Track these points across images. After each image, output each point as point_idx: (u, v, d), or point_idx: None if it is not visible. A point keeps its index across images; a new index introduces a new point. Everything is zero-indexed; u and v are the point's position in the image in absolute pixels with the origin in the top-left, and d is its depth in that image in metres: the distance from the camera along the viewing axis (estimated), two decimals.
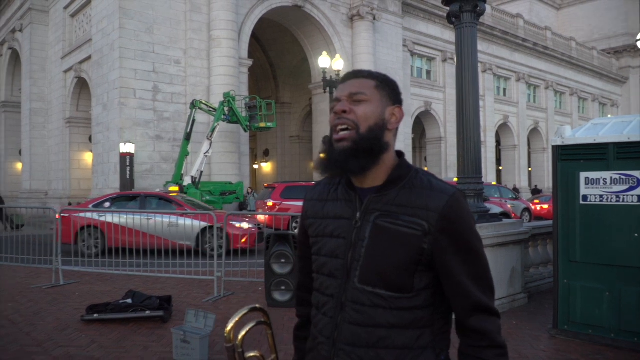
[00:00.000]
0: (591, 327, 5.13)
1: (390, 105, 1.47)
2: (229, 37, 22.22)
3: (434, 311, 1.41)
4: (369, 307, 1.38)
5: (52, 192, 27.07)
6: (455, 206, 1.38)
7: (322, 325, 1.46)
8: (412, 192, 1.40)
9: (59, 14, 26.28)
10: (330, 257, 1.46)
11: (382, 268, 1.37)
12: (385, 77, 1.51)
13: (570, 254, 5.22)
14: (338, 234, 1.46)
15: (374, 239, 1.39)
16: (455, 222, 1.37)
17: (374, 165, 1.43)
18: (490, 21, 37.19)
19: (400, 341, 1.37)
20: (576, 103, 46.63)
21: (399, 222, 1.38)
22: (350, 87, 1.46)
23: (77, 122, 25.90)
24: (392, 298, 1.37)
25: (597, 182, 5.04)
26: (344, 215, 1.46)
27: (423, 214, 1.37)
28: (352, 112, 1.42)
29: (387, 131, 1.45)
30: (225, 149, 22.01)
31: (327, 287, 1.46)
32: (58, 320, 5.94)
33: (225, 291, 7.48)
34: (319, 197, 1.56)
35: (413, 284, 1.37)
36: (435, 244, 1.37)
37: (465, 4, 6.76)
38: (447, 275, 1.39)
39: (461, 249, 1.38)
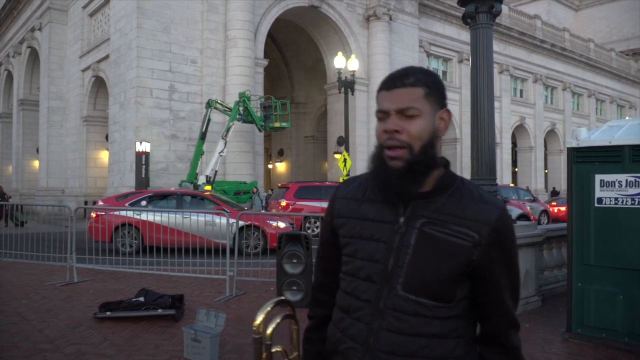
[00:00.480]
0: (605, 331, 5.06)
1: (439, 110, 1.40)
2: (245, 37, 22.31)
3: (467, 321, 1.41)
4: (411, 316, 1.35)
5: (68, 190, 27.38)
6: (506, 220, 1.39)
7: (355, 330, 1.41)
8: (462, 201, 1.38)
9: (78, 13, 26.59)
10: (367, 260, 1.41)
11: (427, 277, 1.35)
12: (433, 78, 1.41)
13: (585, 257, 5.16)
14: (378, 237, 1.40)
15: (420, 246, 1.36)
16: (505, 236, 1.38)
17: (426, 179, 1.40)
18: (508, 22, 36.89)
19: (438, 351, 1.35)
20: (594, 105, 46.08)
21: (447, 230, 1.35)
22: (398, 99, 1.37)
23: (94, 120, 26.18)
24: (435, 307, 1.35)
25: (612, 184, 4.97)
26: (385, 218, 1.41)
27: (474, 225, 1.35)
28: (404, 131, 1.36)
29: (438, 139, 1.41)
30: (239, 149, 22.11)
31: (363, 291, 1.41)
32: (71, 317, 6.00)
33: (237, 290, 7.50)
34: (353, 196, 1.50)
35: (455, 293, 1.36)
36: (484, 255, 1.35)
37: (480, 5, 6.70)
38: (490, 288, 1.39)
39: (507, 262, 1.39)
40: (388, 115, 1.37)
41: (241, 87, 21.44)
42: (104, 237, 10.98)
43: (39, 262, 9.61)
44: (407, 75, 1.38)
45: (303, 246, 6.79)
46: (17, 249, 9.98)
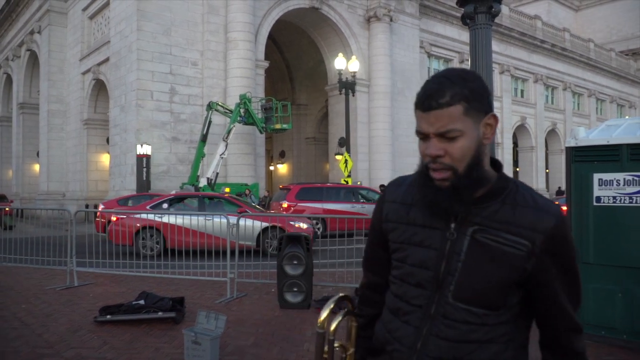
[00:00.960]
0: (604, 329, 5.06)
1: (482, 117, 1.33)
2: (245, 38, 22.34)
3: (518, 325, 1.39)
4: (461, 324, 1.34)
5: (69, 194, 27.40)
6: (562, 227, 1.34)
7: (403, 333, 1.41)
8: (516, 209, 1.34)
9: (78, 16, 26.63)
10: (418, 267, 1.40)
11: (479, 286, 1.33)
12: (471, 85, 1.31)
13: (584, 255, 5.15)
14: (428, 244, 1.39)
15: (472, 254, 1.34)
16: (561, 244, 1.34)
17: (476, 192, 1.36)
18: (508, 22, 36.89)
19: (485, 355, 1.34)
20: (594, 104, 46.07)
21: (500, 239, 1.32)
22: (435, 121, 1.30)
23: (94, 123, 26.20)
24: (484, 315, 1.34)
25: (611, 183, 4.97)
26: (435, 224, 1.39)
27: (528, 234, 1.31)
28: (447, 154, 1.31)
29: (484, 148, 1.35)
30: (241, 151, 22.13)
31: (414, 297, 1.41)
32: (71, 321, 6.00)
33: (238, 292, 7.50)
34: (402, 200, 1.47)
35: (506, 301, 1.35)
36: (538, 265, 1.33)
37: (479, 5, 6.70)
38: (546, 296, 1.37)
39: (564, 271, 1.36)
40: (428, 137, 1.33)
41: (242, 89, 21.46)
42: (124, 240, 10.97)
43: (40, 267, 9.61)
44: (442, 91, 1.29)
45: (303, 247, 6.79)
46: (18, 253, 9.98)
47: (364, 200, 17.71)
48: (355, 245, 8.83)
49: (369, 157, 27.14)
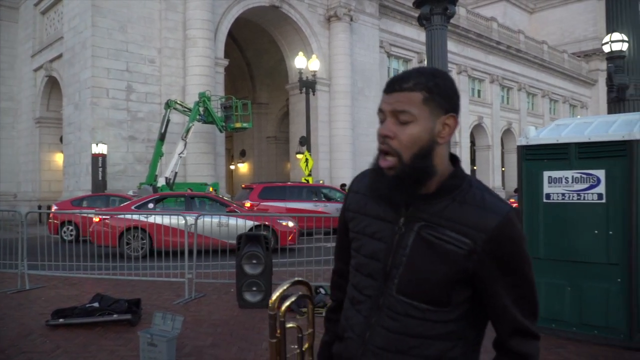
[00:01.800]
0: (554, 322, 5.23)
1: (442, 115, 1.33)
2: (204, 36, 22.09)
3: (468, 324, 1.37)
4: (403, 316, 1.35)
5: (21, 195, 26.55)
6: (508, 228, 1.30)
7: (355, 321, 1.44)
8: (463, 207, 1.33)
9: (29, 11, 25.82)
10: (370, 258, 1.42)
11: (420, 281, 1.33)
12: (437, 81, 1.34)
13: (534, 250, 5.31)
14: (380, 236, 1.40)
15: (415, 250, 1.34)
16: (504, 245, 1.30)
17: (424, 186, 1.35)
18: (465, 24, 37.61)
19: (430, 351, 1.34)
20: (547, 104, 47.47)
21: (444, 237, 1.31)
22: (394, 102, 1.33)
23: (47, 122, 25.46)
24: (427, 311, 1.33)
25: (560, 180, 5.14)
26: (386, 217, 1.40)
27: (470, 233, 1.30)
28: (396, 137, 1.32)
29: (438, 145, 1.34)
30: (200, 150, 21.87)
31: (365, 287, 1.43)
32: (22, 325, 5.82)
33: (197, 293, 7.42)
34: (364, 191, 1.49)
35: (450, 299, 1.33)
36: (480, 264, 1.30)
37: (435, 7, 6.84)
38: (489, 297, 1.34)
39: (508, 273, 1.32)
40: (385, 115, 1.35)
41: (201, 87, 21.21)
42: (107, 241, 10.72)
43: None
44: (407, 78, 1.33)
45: (262, 247, 6.77)
46: None
47: (326, 199, 17.78)
48: (315, 244, 8.85)
49: (329, 156, 27.25)
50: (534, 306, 1.37)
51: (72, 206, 15.99)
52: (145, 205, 12.20)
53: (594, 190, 4.96)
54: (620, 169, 4.85)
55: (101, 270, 8.86)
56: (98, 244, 10.74)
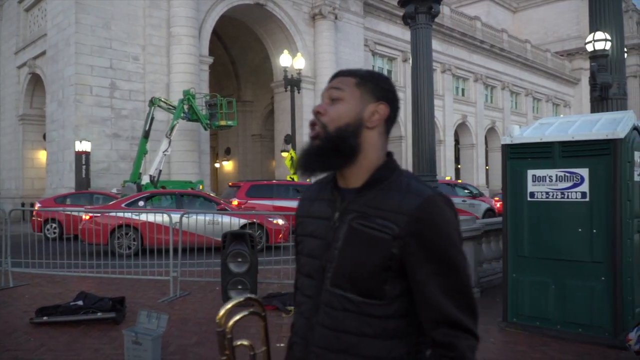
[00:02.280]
0: (538, 320, 5.29)
1: (372, 102, 1.41)
2: (189, 34, 21.96)
3: (410, 322, 1.33)
4: (340, 311, 1.33)
5: (4, 192, 26.21)
6: (429, 209, 1.29)
7: (298, 325, 1.44)
8: (389, 194, 1.34)
9: (13, 8, 25.49)
10: (309, 257, 1.43)
11: (352, 271, 1.32)
12: (372, 73, 1.46)
13: (519, 249, 5.38)
14: (317, 234, 1.42)
15: (347, 241, 1.34)
16: (426, 227, 1.28)
17: (344, 165, 1.38)
18: (450, 23, 37.81)
19: (370, 350, 1.30)
20: (531, 103, 47.94)
21: (372, 224, 1.31)
22: (332, 84, 1.44)
23: (30, 119, 25.17)
24: (363, 304, 1.31)
25: (544, 179, 5.21)
26: (324, 215, 1.42)
27: (394, 217, 1.29)
28: (326, 113, 1.40)
29: (367, 129, 1.39)
30: (185, 148, 21.76)
31: (306, 287, 1.43)
32: (6, 323, 5.76)
33: (182, 291, 7.40)
34: (310, 196, 1.52)
35: (385, 290, 1.30)
36: (404, 249, 1.28)
37: (420, 6, 6.87)
38: (414, 283, 1.30)
39: (432, 258, 1.28)
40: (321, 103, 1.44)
41: (186, 84, 21.08)
42: (98, 239, 10.61)
43: None
44: (345, 70, 1.47)
45: (248, 245, 6.75)
46: None
47: None
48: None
49: None
50: (469, 300, 1.29)
51: (56, 203, 15.82)
52: (135, 203, 12.13)
53: (578, 189, 5.03)
54: (603, 168, 4.91)
55: (85, 268, 8.79)
56: (89, 242, 10.62)
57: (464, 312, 1.28)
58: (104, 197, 16.18)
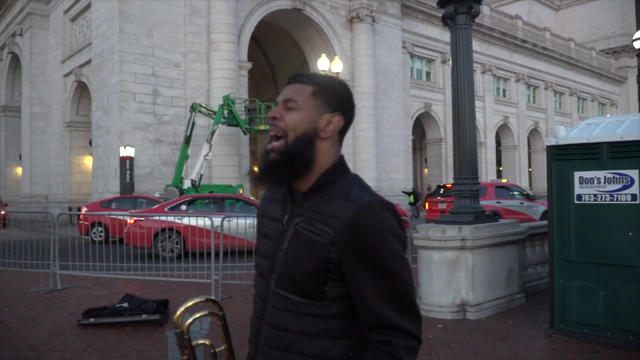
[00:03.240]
0: (587, 326, 5.12)
1: (327, 112, 1.40)
2: (228, 40, 22.27)
3: (352, 322, 1.35)
4: (281, 311, 1.37)
5: (52, 197, 27.09)
6: (365, 216, 1.31)
7: (253, 323, 1.49)
8: (331, 200, 1.36)
9: (59, 18, 26.36)
10: (261, 257, 1.48)
11: (294, 273, 1.35)
12: (329, 82, 1.45)
13: (566, 253, 5.22)
14: (270, 235, 1.46)
15: (291, 243, 1.38)
16: (362, 234, 1.29)
17: (298, 176, 1.40)
18: (489, 22, 37.21)
19: (310, 349, 1.34)
20: (575, 103, 46.69)
21: (312, 228, 1.35)
22: (287, 91, 1.44)
23: (77, 126, 25.96)
24: (302, 304, 1.34)
25: (591, 181, 5.04)
26: (277, 216, 1.46)
27: (332, 223, 1.32)
28: (282, 118, 1.40)
29: (320, 140, 1.40)
30: (225, 152, 22.05)
31: (258, 286, 1.48)
32: (54, 324, 5.94)
33: (223, 294, 7.48)
34: (269, 196, 1.56)
35: (325, 292, 1.33)
36: (342, 254, 1.31)
37: (459, 6, 6.77)
38: (352, 287, 1.32)
39: (369, 264, 1.30)
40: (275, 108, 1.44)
41: (225, 90, 21.38)
42: (142, 242, 10.88)
43: (23, 270, 9.51)
44: (304, 74, 1.46)
45: None
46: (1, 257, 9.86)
47: None
48: None
49: (353, 158, 27.18)
50: (409, 304, 1.31)
51: (101, 208, 16.26)
52: (177, 207, 12.34)
53: (628, 191, 4.85)
54: None
55: (130, 270, 8.99)
56: (133, 245, 10.88)
57: (402, 314, 1.30)
58: (147, 202, 16.54)
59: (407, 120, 31.47)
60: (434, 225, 6.58)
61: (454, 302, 6.15)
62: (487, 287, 6.30)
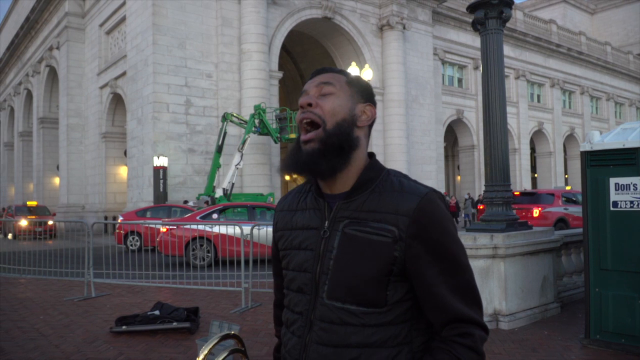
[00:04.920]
0: (624, 337, 4.95)
1: (361, 102, 1.36)
2: (259, 50, 22.50)
3: (412, 326, 1.28)
4: (338, 325, 1.26)
5: (88, 206, 27.74)
6: (429, 208, 1.25)
7: (291, 345, 1.35)
8: (382, 195, 1.28)
9: (95, 32, 27.09)
10: (298, 271, 1.35)
11: (351, 281, 1.25)
12: (359, 77, 1.42)
13: (601, 261, 5.06)
14: (306, 245, 1.34)
15: (342, 249, 1.27)
16: (428, 226, 1.24)
17: (345, 165, 1.31)
18: (523, 27, 36.68)
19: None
20: (613, 108, 45.55)
21: (367, 229, 1.26)
22: (320, 79, 1.37)
23: (112, 136, 26.56)
24: (363, 314, 1.25)
25: (627, 187, 4.89)
26: (312, 225, 1.35)
27: (392, 219, 1.24)
28: (319, 105, 1.32)
29: (357, 128, 1.34)
30: (256, 161, 22.23)
31: (296, 303, 1.35)
32: (88, 332, 6.04)
33: (253, 302, 7.50)
34: (289, 207, 1.45)
35: (386, 297, 1.25)
36: (407, 251, 1.24)
37: (490, 11, 6.68)
38: (421, 285, 1.25)
39: (437, 257, 1.24)
40: (307, 94, 1.36)
41: (256, 99, 21.59)
42: (174, 251, 11.06)
43: (59, 278, 9.73)
44: (332, 68, 1.42)
45: None
46: (37, 265, 10.12)
47: None
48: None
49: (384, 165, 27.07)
50: (475, 295, 1.28)
51: (137, 217, 16.54)
52: (209, 216, 12.48)
53: None
54: None
55: (162, 279, 9.10)
56: (165, 254, 11.02)
57: (473, 308, 1.26)
58: (181, 210, 16.77)
59: (439, 127, 31.21)
60: (465, 232, 6.47)
61: (487, 312, 6.02)
62: (520, 297, 6.15)
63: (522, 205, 16.08)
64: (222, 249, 10.86)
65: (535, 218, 15.83)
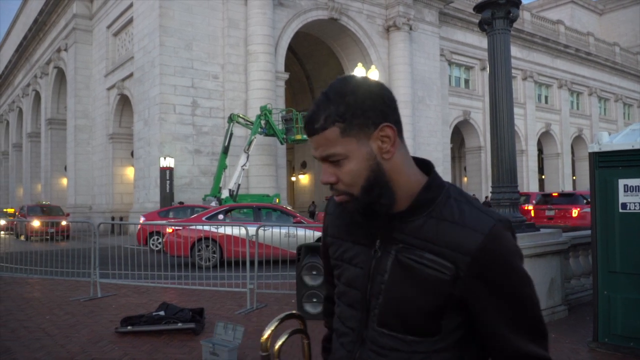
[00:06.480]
0: (633, 340, 4.89)
1: (372, 130, 1.17)
2: (265, 51, 22.52)
3: (464, 352, 1.22)
4: (389, 351, 1.21)
5: (95, 207, 27.85)
6: (493, 247, 1.14)
7: (339, 355, 1.33)
8: (440, 224, 1.18)
9: (102, 33, 27.21)
10: (349, 286, 1.30)
11: (402, 312, 1.19)
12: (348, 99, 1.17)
13: (610, 264, 5.01)
14: (356, 262, 1.28)
15: (394, 276, 1.20)
16: (492, 267, 1.14)
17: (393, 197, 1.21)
18: (530, 28, 36.53)
19: None
20: (621, 109, 45.29)
21: (423, 260, 1.17)
22: (318, 146, 1.21)
23: (119, 137, 26.66)
24: (415, 342, 1.19)
25: (637, 189, 4.83)
26: (362, 240, 1.28)
27: (451, 255, 1.14)
28: (339, 180, 1.20)
29: (386, 162, 1.19)
30: (262, 162, 22.24)
31: (347, 318, 1.31)
32: (93, 332, 6.04)
33: (258, 303, 7.48)
34: (339, 213, 1.38)
35: (440, 327, 1.19)
36: (467, 291, 1.15)
37: (497, 11, 6.64)
38: (482, 325, 1.19)
39: (500, 296, 1.15)
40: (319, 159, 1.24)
41: (262, 100, 21.61)
42: (180, 251, 11.07)
43: (66, 278, 9.74)
44: (317, 115, 1.19)
45: None
46: (44, 265, 10.15)
47: None
48: None
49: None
50: (539, 327, 1.19)
51: (159, 217, 16.46)
52: (215, 217, 12.48)
53: None
54: None
55: (168, 279, 9.09)
56: (171, 254, 11.04)
57: (538, 342, 1.18)
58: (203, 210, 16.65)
59: (446, 128, 31.12)
60: None
61: None
62: None
63: (561, 206, 16.26)
64: (228, 249, 10.85)
65: (575, 218, 16.14)
